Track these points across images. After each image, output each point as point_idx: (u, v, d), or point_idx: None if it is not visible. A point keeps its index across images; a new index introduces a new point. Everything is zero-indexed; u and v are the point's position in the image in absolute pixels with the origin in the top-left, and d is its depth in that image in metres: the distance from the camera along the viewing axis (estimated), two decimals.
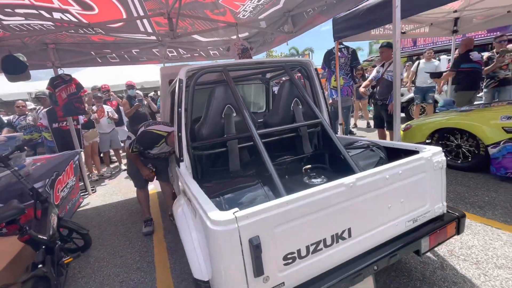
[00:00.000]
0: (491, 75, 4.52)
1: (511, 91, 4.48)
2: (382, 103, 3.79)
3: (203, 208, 1.12)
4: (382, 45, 3.84)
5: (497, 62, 4.29)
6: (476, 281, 1.69)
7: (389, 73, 3.67)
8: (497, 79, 4.48)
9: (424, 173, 1.48)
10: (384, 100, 3.73)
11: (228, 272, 1.04)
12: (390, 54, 3.75)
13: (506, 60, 4.32)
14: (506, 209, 2.45)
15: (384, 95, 3.73)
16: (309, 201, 1.14)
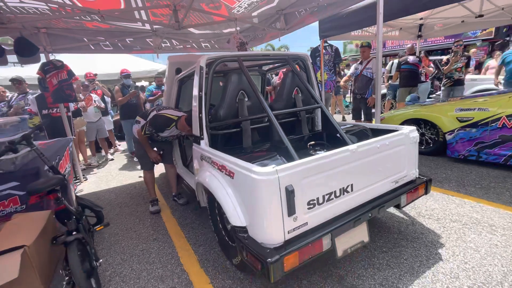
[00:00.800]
0: (448, 75, 5.32)
1: (462, 89, 5.33)
2: (361, 97, 4.32)
3: (247, 167, 1.42)
4: (363, 45, 4.34)
5: (452, 62, 5.05)
6: (437, 231, 2.19)
7: (368, 70, 4.19)
8: (453, 79, 5.28)
9: (403, 146, 1.92)
10: (363, 94, 4.25)
11: (269, 212, 1.36)
12: (369, 53, 4.27)
13: (459, 63, 5.10)
14: (458, 182, 3.05)
15: (363, 89, 4.25)
16: (326, 161, 1.50)
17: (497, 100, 3.25)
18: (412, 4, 3.06)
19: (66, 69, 3.92)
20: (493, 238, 2.03)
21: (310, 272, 1.84)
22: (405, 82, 5.56)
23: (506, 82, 4.83)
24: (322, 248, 1.47)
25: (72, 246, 1.70)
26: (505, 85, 4.83)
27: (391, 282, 1.70)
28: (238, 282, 1.83)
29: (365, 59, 4.37)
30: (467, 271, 1.73)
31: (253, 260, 1.40)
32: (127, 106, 4.92)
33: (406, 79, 5.54)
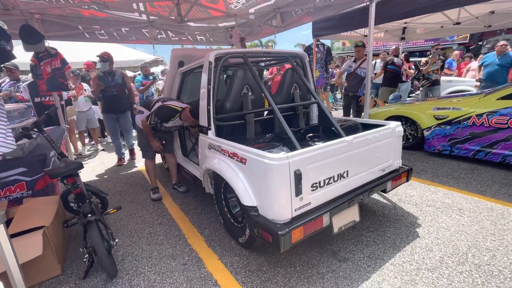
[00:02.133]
0: (426, 76, 5.76)
1: (439, 89, 5.80)
2: (354, 94, 4.60)
3: (261, 154, 1.61)
4: (358, 45, 4.59)
5: (430, 63, 5.47)
6: (415, 214, 2.52)
7: (362, 70, 4.46)
8: (431, 80, 5.72)
9: (390, 138, 2.19)
10: (356, 92, 4.53)
11: (280, 193, 1.57)
12: (363, 53, 4.54)
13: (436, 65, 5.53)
14: (433, 173, 3.42)
15: (356, 87, 4.53)
16: (327, 149, 1.73)
17: (469, 101, 3.65)
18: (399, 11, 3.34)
19: (59, 57, 3.87)
20: (461, 219, 2.38)
21: (308, 249, 2.09)
22: (389, 82, 5.99)
23: (483, 83, 5.30)
24: (322, 224, 1.71)
25: (92, 225, 1.83)
26: (482, 87, 5.28)
27: (377, 255, 1.99)
28: (244, 258, 2.04)
29: (360, 58, 4.63)
30: (439, 245, 2.05)
31: (265, 234, 1.61)
32: (110, 98, 4.15)
33: (389, 79, 5.97)
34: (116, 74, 4.18)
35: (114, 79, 4.14)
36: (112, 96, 4.15)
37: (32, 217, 1.95)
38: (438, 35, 6.25)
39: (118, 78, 4.17)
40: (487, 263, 1.83)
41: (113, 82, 4.11)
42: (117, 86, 4.14)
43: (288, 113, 2.79)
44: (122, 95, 4.25)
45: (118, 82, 4.15)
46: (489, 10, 4.87)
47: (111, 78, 4.11)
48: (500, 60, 4.99)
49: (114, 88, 4.11)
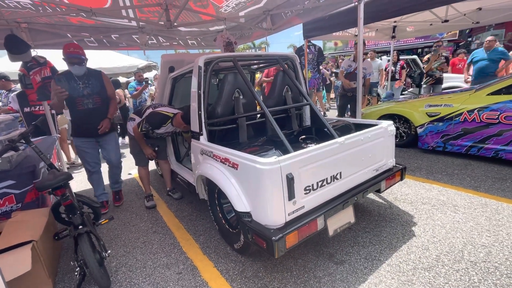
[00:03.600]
0: (430, 73, 5.77)
1: (441, 87, 5.83)
2: (352, 95, 4.55)
3: (252, 159, 1.59)
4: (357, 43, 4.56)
5: (432, 60, 5.49)
6: (411, 212, 2.51)
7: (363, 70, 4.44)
8: (434, 77, 5.74)
9: (383, 138, 2.19)
10: (355, 92, 4.49)
11: (272, 198, 1.55)
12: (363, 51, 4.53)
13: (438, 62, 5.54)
14: (427, 171, 3.44)
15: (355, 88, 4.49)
16: (319, 152, 1.71)
17: (460, 97, 3.68)
18: (387, 10, 3.37)
19: (49, 65, 3.82)
20: (456, 216, 2.38)
21: (304, 252, 2.07)
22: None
23: (473, 79, 5.36)
24: (317, 228, 1.69)
25: (83, 238, 1.79)
26: (474, 83, 5.31)
27: (374, 256, 1.97)
28: (240, 264, 2.01)
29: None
30: (435, 243, 2.04)
31: (259, 240, 1.59)
32: (82, 115, 2.73)
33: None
34: (91, 76, 2.74)
35: (87, 84, 2.68)
36: (87, 112, 2.71)
37: (21, 231, 1.90)
38: (428, 32, 6.33)
39: (95, 82, 2.73)
40: (483, 260, 1.83)
41: (87, 89, 2.68)
42: (93, 95, 2.72)
43: (281, 115, 2.77)
44: (102, 108, 2.81)
45: (94, 89, 2.73)
46: (476, 7, 4.94)
47: (82, 83, 2.66)
48: (489, 55, 5.06)
49: (88, 98, 2.69)
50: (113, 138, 3.04)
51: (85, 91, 2.69)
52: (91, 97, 2.73)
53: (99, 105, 2.79)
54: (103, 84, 2.83)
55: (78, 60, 2.60)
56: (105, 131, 2.81)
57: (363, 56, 4.58)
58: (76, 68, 2.62)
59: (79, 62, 2.61)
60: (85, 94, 2.69)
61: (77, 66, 2.61)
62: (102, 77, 2.85)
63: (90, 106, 2.74)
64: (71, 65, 2.59)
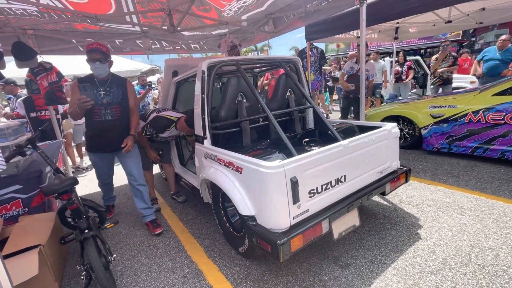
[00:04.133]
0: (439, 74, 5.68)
1: (450, 88, 5.75)
2: (355, 96, 4.55)
3: (256, 163, 1.60)
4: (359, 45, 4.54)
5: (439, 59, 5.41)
6: (416, 215, 2.49)
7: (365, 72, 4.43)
8: (442, 78, 5.66)
9: (387, 140, 2.18)
10: (357, 94, 4.48)
11: (277, 201, 1.55)
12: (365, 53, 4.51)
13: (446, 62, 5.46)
14: (432, 172, 3.41)
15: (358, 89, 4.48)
16: (323, 155, 1.71)
17: (464, 98, 3.65)
18: (389, 12, 3.37)
19: (55, 70, 3.87)
20: (462, 218, 2.35)
21: (309, 255, 2.06)
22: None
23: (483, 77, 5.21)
24: (321, 231, 1.69)
25: (89, 242, 1.80)
26: (482, 82, 5.19)
27: (379, 259, 1.96)
28: (245, 268, 2.01)
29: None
30: (442, 246, 2.02)
31: (264, 244, 1.58)
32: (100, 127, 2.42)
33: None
34: (114, 83, 2.44)
35: (108, 92, 2.38)
36: (104, 124, 2.39)
37: (28, 235, 1.92)
38: (431, 33, 6.30)
39: (117, 90, 2.43)
40: (491, 263, 1.81)
41: (107, 97, 2.37)
42: (112, 105, 2.39)
43: (284, 118, 2.78)
44: (121, 120, 2.46)
45: (115, 98, 2.41)
46: (479, 7, 4.91)
47: (104, 90, 2.37)
48: (502, 55, 4.88)
49: (107, 108, 2.37)
50: (135, 152, 2.63)
51: (105, 100, 2.36)
52: (110, 107, 2.38)
53: (118, 117, 2.42)
54: (126, 94, 2.48)
55: (100, 56, 2.29)
56: (129, 150, 2.39)
57: (365, 57, 4.57)
58: (97, 67, 2.30)
59: (101, 59, 2.30)
60: (104, 103, 2.35)
61: (99, 64, 2.30)
62: (127, 85, 2.50)
63: (108, 118, 2.38)
64: (93, 63, 2.29)
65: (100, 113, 2.36)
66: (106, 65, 2.38)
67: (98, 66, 2.31)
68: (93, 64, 2.30)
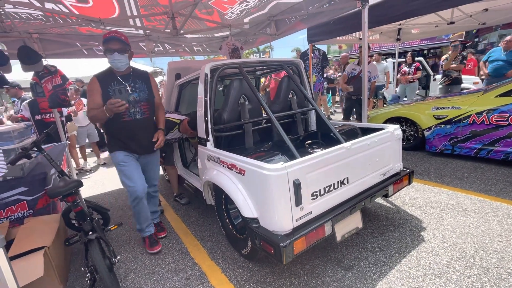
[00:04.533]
0: (446, 73, 5.65)
1: (459, 88, 5.69)
2: (357, 98, 4.56)
3: (258, 165, 1.60)
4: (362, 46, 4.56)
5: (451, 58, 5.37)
6: (419, 217, 2.48)
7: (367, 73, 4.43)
8: (450, 77, 5.60)
9: (389, 142, 2.18)
10: (359, 96, 4.48)
11: (280, 204, 1.55)
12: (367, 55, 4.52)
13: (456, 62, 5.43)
14: (435, 174, 3.39)
15: (359, 91, 4.48)
16: (326, 157, 1.72)
17: (468, 99, 3.63)
18: (392, 13, 3.37)
19: (59, 74, 3.92)
20: (466, 220, 2.34)
21: (312, 258, 2.06)
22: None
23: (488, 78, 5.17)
24: (324, 233, 1.69)
25: (93, 244, 1.82)
26: (487, 82, 5.15)
27: (383, 261, 1.95)
28: (248, 270, 2.01)
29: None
30: (446, 249, 2.01)
31: (267, 246, 1.59)
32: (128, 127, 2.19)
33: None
34: (137, 78, 2.20)
35: (134, 87, 2.15)
36: (135, 124, 2.16)
37: (33, 237, 1.94)
38: (433, 34, 6.28)
39: (142, 86, 2.20)
40: (495, 265, 1.79)
41: (134, 94, 2.14)
42: (141, 102, 2.17)
43: (286, 120, 2.78)
44: (150, 118, 2.29)
45: (142, 94, 2.19)
46: (482, 8, 4.90)
47: (130, 85, 2.14)
48: (507, 56, 4.84)
49: (135, 105, 2.14)
50: (156, 156, 2.49)
51: (132, 97, 2.09)
52: (138, 104, 2.13)
53: (147, 115, 2.20)
54: (151, 88, 2.25)
55: (118, 45, 2.00)
56: (161, 145, 2.27)
57: (368, 59, 4.58)
58: (116, 59, 2.00)
59: (120, 50, 2.01)
60: (132, 100, 2.10)
61: (118, 55, 2.00)
62: (150, 79, 2.27)
63: (138, 117, 2.14)
64: (110, 54, 1.99)
65: (129, 112, 2.10)
66: (126, 56, 2.07)
67: (117, 57, 2.01)
68: (111, 56, 2.00)
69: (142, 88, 2.20)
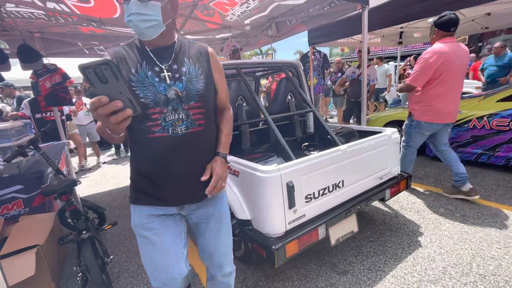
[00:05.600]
0: None
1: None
2: (355, 100, 4.58)
3: (252, 167, 1.59)
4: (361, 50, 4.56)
5: None
6: (417, 222, 2.45)
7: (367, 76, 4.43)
8: None
9: (387, 146, 2.15)
10: (358, 98, 4.48)
11: (272, 206, 1.54)
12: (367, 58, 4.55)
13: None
14: (435, 179, 3.35)
15: (359, 94, 4.48)
16: (321, 159, 1.70)
17: (469, 103, 3.60)
18: (393, 16, 3.36)
19: (60, 72, 3.94)
20: (464, 226, 2.30)
21: (307, 261, 2.03)
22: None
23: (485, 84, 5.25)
24: (318, 237, 1.67)
25: (86, 243, 1.81)
26: (484, 89, 5.20)
27: (378, 266, 1.92)
28: (241, 272, 1.99)
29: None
30: (442, 254, 1.98)
31: (259, 249, 1.57)
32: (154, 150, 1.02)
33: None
34: (186, 54, 1.06)
35: (178, 73, 1.02)
36: (172, 145, 1.02)
37: (27, 235, 1.94)
38: None
39: (194, 69, 1.05)
40: (493, 273, 1.76)
41: (177, 84, 1.01)
42: (192, 102, 1.03)
43: (284, 122, 2.77)
44: (208, 132, 1.12)
45: (195, 86, 1.04)
46: (485, 12, 4.86)
47: (171, 68, 1.02)
48: (498, 61, 4.99)
49: (179, 108, 1.01)
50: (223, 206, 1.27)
51: (173, 91, 1.01)
52: (185, 105, 1.03)
53: (201, 127, 1.07)
54: (211, 75, 1.12)
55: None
56: (220, 189, 1.13)
57: (368, 62, 4.58)
58: (135, 12, 0.91)
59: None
60: (171, 98, 1.01)
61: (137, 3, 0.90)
62: (211, 58, 1.13)
63: (180, 130, 1.02)
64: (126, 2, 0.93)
65: (164, 121, 1.00)
66: (158, 9, 0.94)
67: (135, 9, 0.91)
68: (126, 7, 0.93)
69: (195, 75, 1.05)
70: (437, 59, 2.38)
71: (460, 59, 2.45)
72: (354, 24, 3.77)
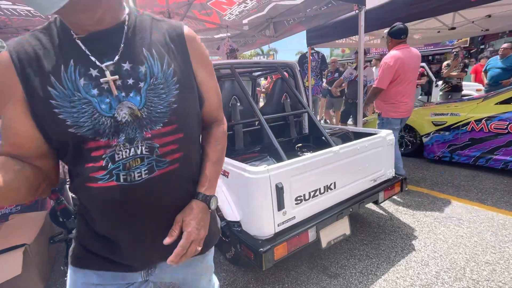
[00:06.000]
0: (446, 80, 5.59)
1: (459, 95, 5.60)
2: (353, 101, 4.57)
3: (241, 167, 1.57)
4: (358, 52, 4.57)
5: (452, 65, 5.33)
6: (412, 225, 2.42)
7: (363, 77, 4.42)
8: (450, 84, 5.53)
9: (381, 147, 2.13)
10: (355, 99, 4.46)
11: (261, 207, 1.51)
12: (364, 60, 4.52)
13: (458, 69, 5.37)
14: (432, 182, 3.32)
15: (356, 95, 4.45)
16: (312, 161, 1.67)
17: (467, 106, 3.56)
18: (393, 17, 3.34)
19: None
20: (459, 230, 2.27)
21: (298, 264, 2.01)
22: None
23: (487, 86, 5.20)
24: (308, 240, 1.64)
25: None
26: (486, 90, 5.14)
27: (370, 270, 1.89)
28: (232, 274, 1.97)
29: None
30: (436, 259, 1.95)
31: (247, 251, 1.55)
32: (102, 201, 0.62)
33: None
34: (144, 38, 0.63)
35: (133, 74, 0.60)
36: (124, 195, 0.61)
37: (15, 234, 1.92)
38: (437, 40, 6.21)
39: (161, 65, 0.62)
40: (486, 278, 1.73)
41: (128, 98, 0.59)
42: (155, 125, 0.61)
43: (279, 123, 2.75)
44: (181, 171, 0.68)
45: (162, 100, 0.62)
46: (485, 14, 4.82)
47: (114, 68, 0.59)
48: (503, 63, 4.89)
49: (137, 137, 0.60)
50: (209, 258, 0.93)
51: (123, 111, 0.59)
52: (144, 133, 0.60)
53: (175, 164, 0.65)
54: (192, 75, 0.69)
55: None
56: (190, 257, 0.67)
57: (366, 63, 4.56)
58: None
59: None
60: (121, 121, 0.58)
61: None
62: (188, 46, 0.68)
63: (137, 178, 0.60)
64: None
65: (112, 161, 0.59)
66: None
67: None
68: None
69: (163, 76, 0.63)
70: (395, 62, 2.68)
71: (413, 61, 2.78)
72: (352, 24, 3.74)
